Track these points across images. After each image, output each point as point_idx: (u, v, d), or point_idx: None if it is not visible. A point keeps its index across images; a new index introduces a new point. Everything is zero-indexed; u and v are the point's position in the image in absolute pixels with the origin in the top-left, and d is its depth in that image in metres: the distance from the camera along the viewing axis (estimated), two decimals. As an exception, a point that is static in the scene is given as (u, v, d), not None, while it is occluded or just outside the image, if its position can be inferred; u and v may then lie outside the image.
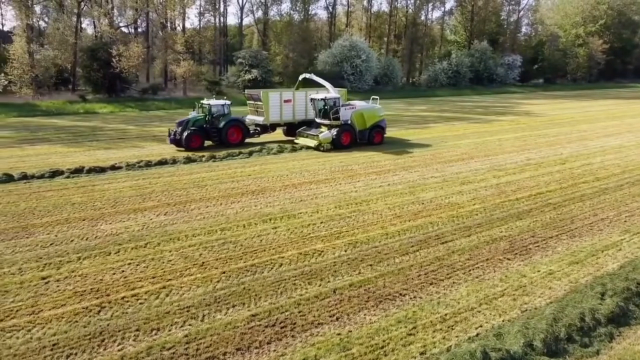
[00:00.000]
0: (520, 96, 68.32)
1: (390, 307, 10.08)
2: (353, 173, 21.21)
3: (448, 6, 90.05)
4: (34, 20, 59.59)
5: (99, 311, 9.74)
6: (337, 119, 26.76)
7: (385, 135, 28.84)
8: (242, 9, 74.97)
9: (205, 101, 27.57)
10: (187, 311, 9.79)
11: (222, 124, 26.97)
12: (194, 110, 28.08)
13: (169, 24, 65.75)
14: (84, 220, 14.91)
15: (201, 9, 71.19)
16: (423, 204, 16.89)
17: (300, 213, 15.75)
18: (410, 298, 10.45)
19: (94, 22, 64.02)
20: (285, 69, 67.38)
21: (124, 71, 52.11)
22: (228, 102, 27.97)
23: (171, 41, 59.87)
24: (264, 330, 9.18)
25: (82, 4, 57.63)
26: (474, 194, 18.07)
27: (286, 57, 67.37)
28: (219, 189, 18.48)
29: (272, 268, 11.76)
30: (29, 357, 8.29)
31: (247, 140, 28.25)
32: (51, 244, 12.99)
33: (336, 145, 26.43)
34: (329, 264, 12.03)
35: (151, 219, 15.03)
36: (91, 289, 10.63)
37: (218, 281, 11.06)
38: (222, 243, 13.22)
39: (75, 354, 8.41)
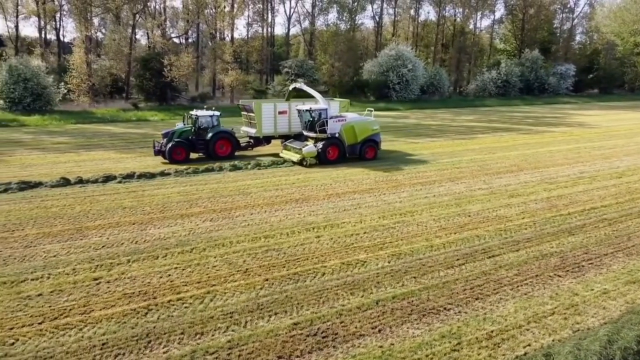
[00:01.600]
0: (574, 106, 65.92)
1: (434, 321, 9.87)
2: (397, 183, 20.99)
3: (498, 14, 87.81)
4: (92, 32, 62.49)
5: (146, 313, 10.01)
6: (324, 131, 25.02)
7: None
8: (289, 19, 76.00)
9: (193, 112, 26.44)
10: (230, 317, 9.91)
11: (209, 136, 25.71)
12: (182, 122, 27.12)
13: (218, 35, 67.49)
14: (134, 224, 15.40)
15: (249, 20, 72.79)
16: (469, 216, 16.50)
17: (344, 223, 15.70)
18: (455, 313, 10.19)
19: (147, 33, 66.54)
20: (330, 78, 67.80)
21: (175, 80, 53.82)
22: (217, 113, 26.78)
23: (220, 51, 61.41)
24: (305, 340, 9.16)
25: (137, 16, 60.02)
26: (523, 207, 17.51)
27: (332, 67, 67.75)
28: (263, 197, 18.69)
29: (314, 277, 11.76)
30: (80, 355, 8.60)
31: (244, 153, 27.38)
32: (103, 246, 13.48)
33: (321, 161, 24.62)
34: (371, 274, 11.91)
35: (197, 225, 15.35)
36: (139, 291, 10.94)
37: (261, 288, 11.15)
38: (266, 250, 13.34)
39: (123, 354, 8.65)
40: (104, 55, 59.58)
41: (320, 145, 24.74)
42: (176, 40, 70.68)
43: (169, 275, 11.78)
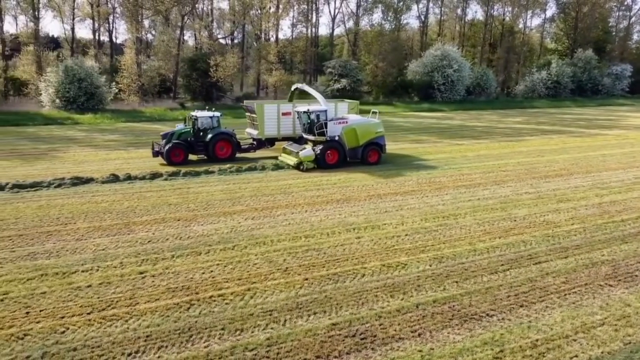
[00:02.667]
0: (629, 109, 62.99)
1: (476, 327, 9.63)
2: (441, 185, 20.64)
3: (549, 13, 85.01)
4: (143, 33, 64.57)
5: (189, 308, 10.23)
6: (323, 134, 23.92)
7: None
8: (333, 19, 76.11)
9: (194, 113, 25.95)
10: (270, 315, 9.99)
11: (209, 137, 25.11)
12: (183, 123, 26.58)
13: (263, 35, 68.39)
14: (178, 220, 15.79)
15: (294, 21, 73.30)
16: (515, 220, 16.03)
17: (385, 224, 15.56)
18: (498, 319, 9.91)
19: (195, 34, 68.15)
20: (374, 78, 67.42)
21: (220, 80, 54.89)
22: (218, 114, 26.08)
23: (265, 52, 62.20)
24: (343, 340, 9.13)
25: (185, 17, 61.56)
26: (572, 213, 16.86)
27: (376, 67, 67.35)
28: (304, 196, 18.78)
29: (354, 278, 11.71)
30: (125, 346, 8.88)
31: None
32: (149, 241, 13.88)
33: (320, 165, 23.52)
34: (412, 277, 11.76)
35: (239, 223, 15.58)
36: (182, 286, 11.20)
37: (300, 287, 11.20)
38: (306, 250, 13.38)
39: (166, 346, 8.88)
40: (153, 56, 61.47)
41: (318, 148, 23.63)
42: (222, 41, 72.00)
43: (211, 271, 12.00)
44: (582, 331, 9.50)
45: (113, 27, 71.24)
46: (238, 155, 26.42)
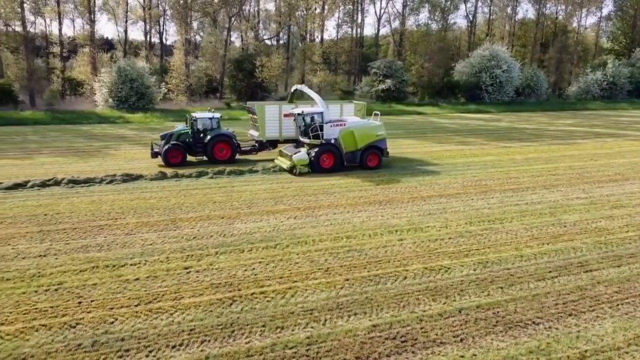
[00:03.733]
0: (692, 111, 59.57)
1: (521, 334, 9.34)
2: (487, 189, 20.15)
3: (605, 11, 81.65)
4: (191, 35, 66.27)
5: (231, 304, 10.41)
6: (317, 137, 22.93)
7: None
8: (379, 20, 75.79)
9: (194, 114, 25.66)
10: (310, 314, 10.04)
11: (207, 139, 24.76)
12: (183, 124, 26.23)
13: (308, 36, 68.79)
14: (222, 218, 16.10)
15: (339, 21, 73.45)
16: (565, 226, 15.45)
17: (428, 227, 15.34)
18: (545, 328, 9.58)
19: (241, 35, 69.33)
20: (419, 79, 66.65)
21: (265, 81, 55.63)
22: (217, 115, 25.68)
23: (309, 52, 62.56)
24: (384, 342, 9.06)
25: (233, 19, 62.70)
26: (627, 220, 16.10)
27: (421, 68, 66.56)
28: (346, 197, 18.76)
29: (395, 280, 11.60)
30: (170, 338, 9.13)
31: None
32: (194, 238, 14.23)
33: (314, 169, 22.56)
34: (455, 282, 11.54)
35: (282, 222, 15.73)
36: (225, 282, 11.41)
37: (341, 288, 11.19)
38: (347, 250, 13.37)
39: (209, 340, 9.07)
40: (200, 57, 63.00)
41: (313, 151, 22.66)
42: (268, 42, 72.97)
43: (253, 269, 12.17)
44: (635, 343, 9.06)
45: (163, 29, 73.55)
46: (239, 157, 26.02)
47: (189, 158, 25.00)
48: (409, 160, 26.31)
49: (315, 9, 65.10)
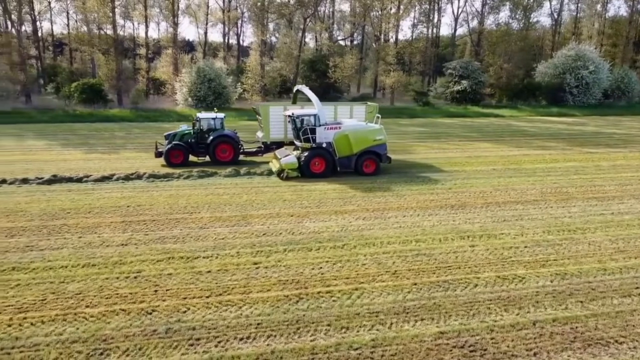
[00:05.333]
0: None
1: (602, 353, 8.72)
2: (568, 196, 19.03)
3: None
4: (267, 36, 67.90)
5: (297, 301, 10.53)
6: (308, 140, 21.98)
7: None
8: (456, 19, 73.80)
9: (198, 114, 25.44)
10: (376, 316, 9.93)
11: (210, 139, 24.50)
12: (187, 124, 26.00)
13: (382, 36, 68.30)
14: (291, 216, 16.33)
15: (415, 21, 72.38)
16: (656, 240, 14.26)
17: (502, 234, 14.72)
18: (629, 348, 8.88)
19: (315, 36, 70.09)
20: (498, 80, 64.25)
21: (338, 81, 55.85)
22: (221, 115, 25.31)
23: (383, 53, 62.09)
24: (451, 350, 8.79)
25: (308, 20, 63.53)
26: None
27: (500, 68, 64.11)
28: (417, 200, 18.41)
29: (465, 287, 11.22)
30: (238, 330, 9.37)
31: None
32: (264, 234, 14.54)
33: (304, 173, 21.64)
34: (530, 292, 10.97)
35: (350, 222, 15.70)
36: (292, 279, 11.56)
37: (409, 292, 10.99)
38: (416, 254, 13.11)
39: (275, 336, 9.22)
40: (275, 58, 64.39)
41: (304, 155, 21.78)
42: (341, 43, 73.23)
43: (321, 267, 12.24)
44: None
45: (241, 30, 75.91)
46: (246, 158, 25.90)
47: (191, 158, 24.94)
48: (484, 163, 25.39)
49: (391, 9, 64.50)
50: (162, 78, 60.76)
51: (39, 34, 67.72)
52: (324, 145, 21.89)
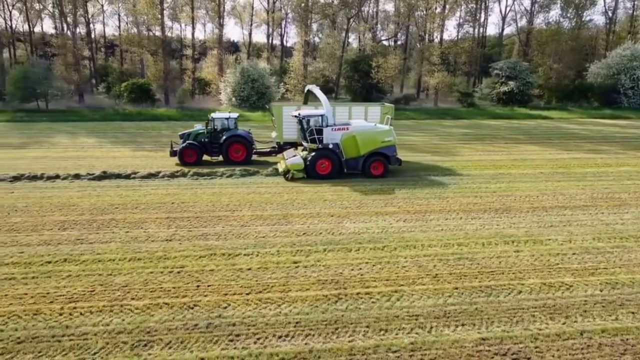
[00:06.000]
0: None
1: (656, 368, 8.30)
2: (621, 202, 18.22)
3: None
4: (311, 36, 68.24)
5: (336, 301, 10.52)
6: (314, 141, 21.84)
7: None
8: (504, 18, 72.01)
9: (212, 114, 25.58)
10: (415, 319, 9.81)
11: (223, 139, 24.60)
12: (202, 124, 26.20)
13: (427, 36, 67.39)
14: (332, 216, 16.34)
15: (460, 21, 71.04)
16: None
17: (549, 240, 14.24)
18: (686, 364, 8.42)
19: (359, 36, 69.90)
20: (547, 81, 62.25)
21: (381, 82, 55.49)
22: (234, 115, 25.47)
23: (427, 53, 61.26)
24: (492, 358, 8.57)
25: (351, 20, 63.44)
26: None
27: (549, 69, 62.09)
28: (460, 203, 18.06)
29: (509, 293, 10.92)
30: (277, 328, 9.46)
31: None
32: (304, 234, 14.60)
33: (310, 175, 21.44)
34: (578, 301, 10.56)
35: (390, 224, 15.57)
36: (332, 279, 11.56)
37: (449, 296, 10.80)
38: (458, 258, 12.86)
39: (313, 335, 9.25)
40: (318, 58, 64.60)
41: (310, 156, 21.56)
42: (385, 43, 72.74)
43: (360, 268, 12.19)
44: None
45: (284, 31, 76.57)
46: (259, 158, 25.85)
47: (205, 158, 25.16)
48: (531, 167, 24.65)
49: (436, 8, 63.56)
50: (207, 78, 62.10)
51: (92, 36, 70.52)
52: (331, 146, 21.64)
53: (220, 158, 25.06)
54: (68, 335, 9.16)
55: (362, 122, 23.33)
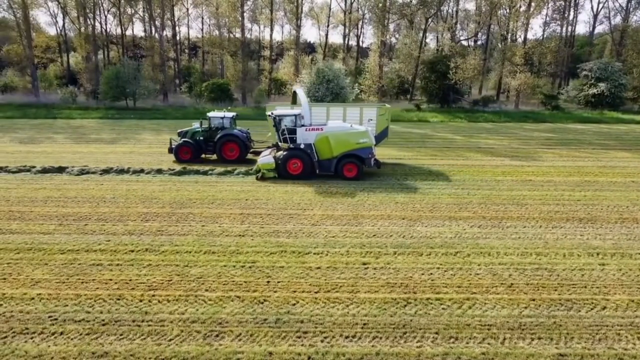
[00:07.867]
0: None
1: None
2: None
3: None
4: (387, 37, 67.67)
5: (405, 305, 10.35)
6: (286, 140, 21.79)
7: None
8: (595, 16, 67.55)
9: (209, 113, 25.95)
10: (488, 329, 9.43)
11: (217, 138, 24.99)
12: (198, 122, 26.37)
13: (509, 36, 64.66)
14: (403, 219, 16.10)
15: (547, 19, 67.52)
16: None
17: (639, 254, 13.17)
18: None
19: (437, 36, 68.41)
20: (641, 83, 57.62)
21: (459, 83, 53.94)
22: (230, 114, 25.57)
23: (510, 53, 58.78)
24: (572, 376, 8.06)
25: (429, 20, 62.22)
26: None
27: (645, 70, 57.45)
28: (540, 210, 17.16)
29: (592, 309, 10.22)
30: (344, 328, 9.45)
31: None
32: (374, 235, 14.50)
33: (281, 174, 21.40)
34: (671, 322, 9.69)
35: (464, 229, 15.09)
36: (401, 283, 11.39)
37: (525, 307, 10.28)
38: (536, 268, 12.22)
39: (380, 338, 9.15)
40: (394, 59, 63.96)
41: (281, 156, 21.52)
42: (464, 43, 70.68)
43: (431, 273, 11.91)
44: None
45: (361, 32, 76.52)
46: (255, 157, 25.41)
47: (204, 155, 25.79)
48: (621, 175, 22.95)
49: (520, 6, 60.80)
50: (283, 79, 63.38)
51: (177, 38, 74.20)
52: (302, 146, 21.59)
53: (214, 156, 25.87)
54: (147, 320, 9.68)
55: (338, 123, 22.98)
